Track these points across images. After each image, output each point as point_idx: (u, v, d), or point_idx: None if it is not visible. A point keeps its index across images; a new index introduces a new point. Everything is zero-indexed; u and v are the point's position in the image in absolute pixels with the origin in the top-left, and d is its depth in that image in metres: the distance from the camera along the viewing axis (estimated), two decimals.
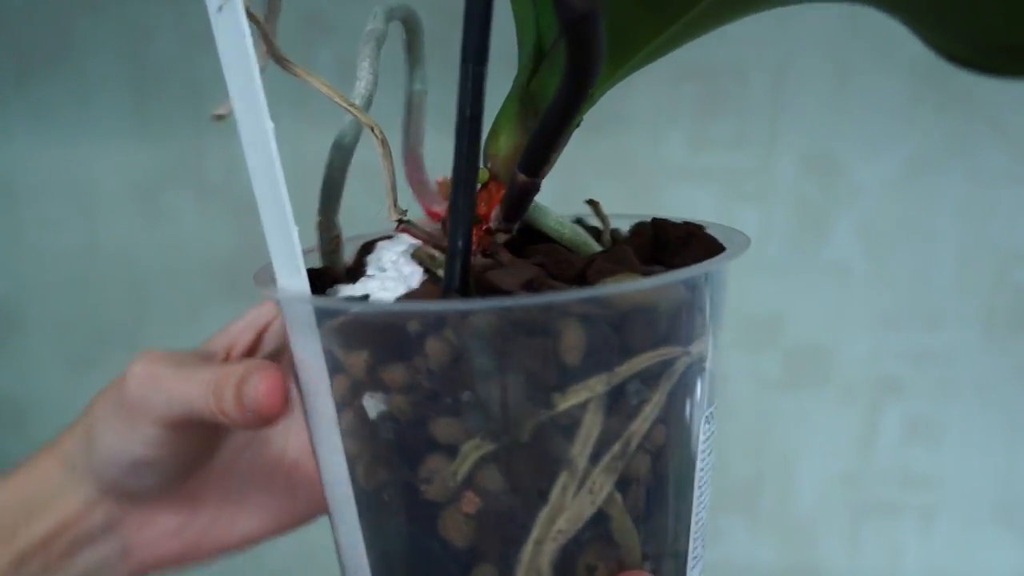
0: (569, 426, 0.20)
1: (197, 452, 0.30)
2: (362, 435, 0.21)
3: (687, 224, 0.28)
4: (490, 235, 0.25)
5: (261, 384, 0.25)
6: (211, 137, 0.62)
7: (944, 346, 0.60)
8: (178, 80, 0.60)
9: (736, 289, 0.33)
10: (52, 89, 0.62)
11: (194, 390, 0.26)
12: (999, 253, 0.58)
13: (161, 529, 0.31)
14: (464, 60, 0.20)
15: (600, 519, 0.21)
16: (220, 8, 0.19)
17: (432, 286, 0.22)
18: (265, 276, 0.25)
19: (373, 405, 0.20)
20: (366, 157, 0.27)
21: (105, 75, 0.61)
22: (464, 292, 0.21)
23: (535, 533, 0.20)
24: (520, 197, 0.23)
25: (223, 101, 0.19)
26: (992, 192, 0.57)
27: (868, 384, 0.62)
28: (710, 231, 0.28)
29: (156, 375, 0.27)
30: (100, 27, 0.60)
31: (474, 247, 0.24)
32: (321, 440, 0.22)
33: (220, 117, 0.18)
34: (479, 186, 0.25)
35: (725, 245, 0.26)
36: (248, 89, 0.20)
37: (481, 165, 0.25)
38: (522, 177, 0.23)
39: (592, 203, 0.29)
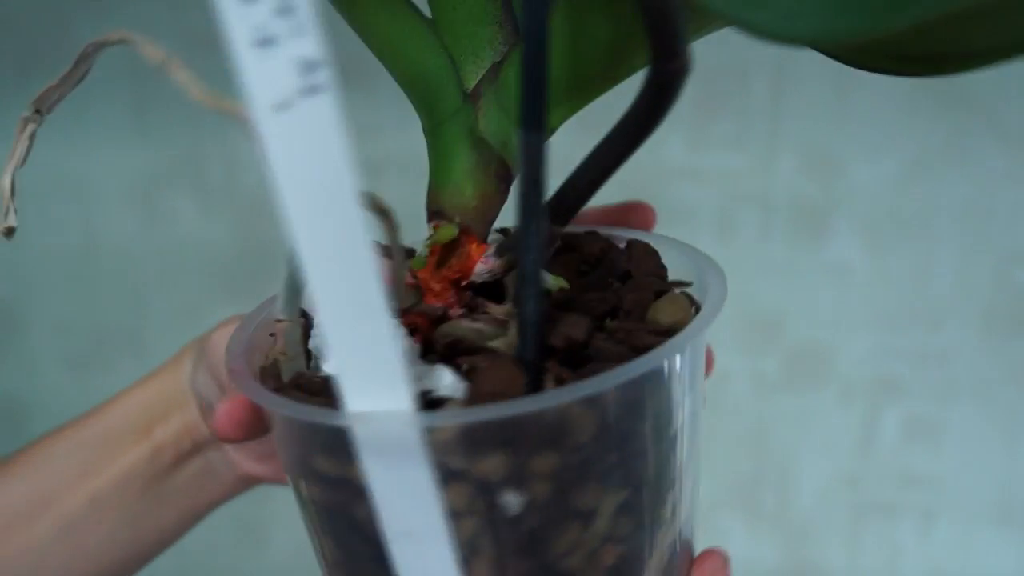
0: (668, 453, 0.22)
1: None
2: (491, 537, 0.20)
3: (598, 239, 0.27)
4: (466, 290, 0.24)
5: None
6: (211, 137, 0.62)
7: (944, 346, 0.60)
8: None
9: (736, 289, 0.33)
10: None
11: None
12: (999, 253, 0.58)
13: (249, 452, 0.34)
14: (525, 128, 0.19)
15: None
16: (282, 107, 0.14)
17: (508, 366, 0.20)
18: (241, 373, 0.23)
19: (512, 500, 0.19)
20: None
21: (105, 76, 0.61)
22: (541, 358, 0.20)
23: (655, 555, 0.22)
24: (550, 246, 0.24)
25: None
26: (992, 192, 0.57)
27: (868, 384, 0.62)
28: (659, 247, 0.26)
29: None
30: (100, 27, 0.60)
31: (453, 303, 0.24)
32: (415, 566, 0.20)
33: None
34: (443, 245, 0.24)
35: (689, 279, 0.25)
36: (331, 194, 0.16)
37: (440, 222, 0.24)
38: (556, 228, 0.24)
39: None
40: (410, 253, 0.26)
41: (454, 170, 0.24)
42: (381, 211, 0.19)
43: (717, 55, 0.55)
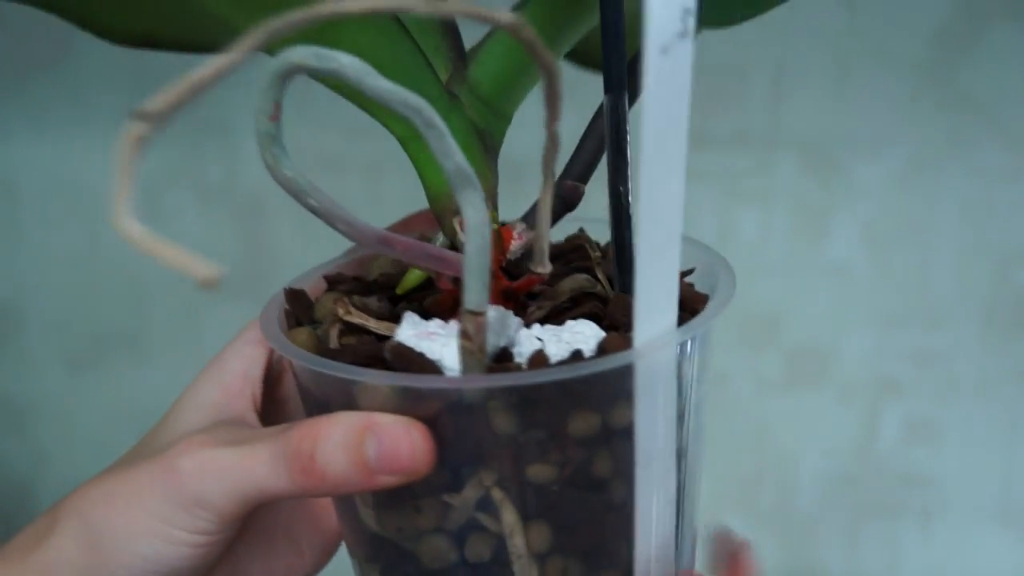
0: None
1: (238, 531, 0.26)
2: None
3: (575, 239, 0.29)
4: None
5: (414, 436, 0.21)
6: (211, 138, 0.62)
7: (944, 346, 0.60)
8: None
9: (736, 289, 0.33)
10: (52, 89, 0.62)
11: (263, 470, 0.23)
12: (999, 253, 0.58)
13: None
14: (609, 90, 0.22)
15: None
16: (664, 51, 0.16)
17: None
18: (270, 331, 0.25)
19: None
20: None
21: (105, 75, 0.61)
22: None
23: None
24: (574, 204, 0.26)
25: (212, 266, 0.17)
26: (992, 191, 0.57)
27: (868, 384, 0.62)
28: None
29: (213, 465, 0.23)
30: None
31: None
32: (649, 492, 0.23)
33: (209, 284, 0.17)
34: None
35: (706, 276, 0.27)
36: (674, 129, 0.18)
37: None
38: (576, 185, 0.25)
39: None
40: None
41: (474, 160, 0.26)
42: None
43: (717, 54, 0.55)
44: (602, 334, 0.23)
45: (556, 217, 0.26)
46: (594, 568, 0.23)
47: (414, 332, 0.23)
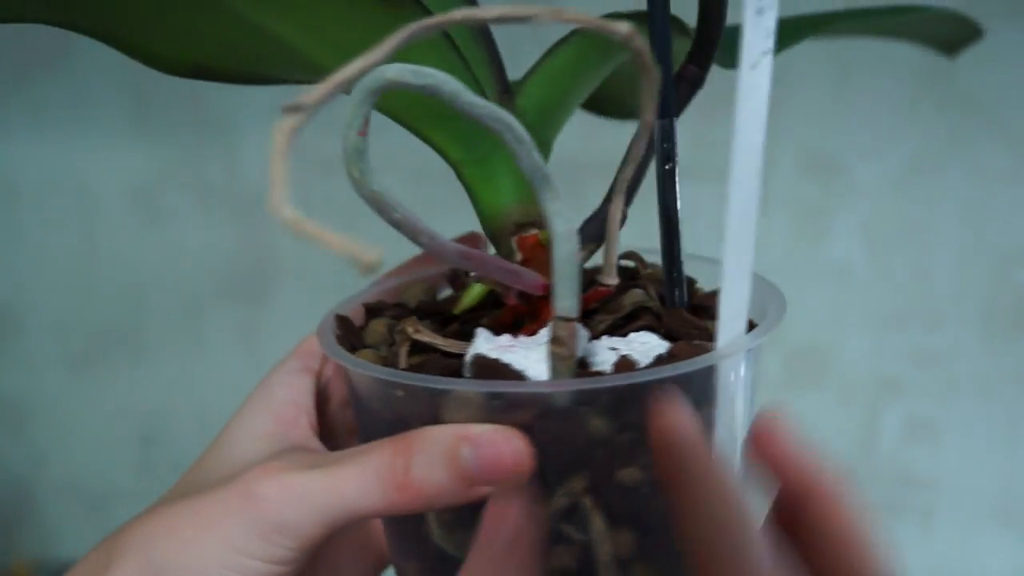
0: None
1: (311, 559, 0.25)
2: None
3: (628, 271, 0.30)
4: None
5: (514, 442, 0.21)
6: (211, 139, 0.62)
7: (944, 346, 0.60)
8: (178, 81, 0.60)
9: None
10: (52, 90, 0.62)
11: (352, 489, 0.22)
12: (999, 253, 0.58)
13: None
14: (663, 117, 0.25)
15: None
16: (753, 66, 0.19)
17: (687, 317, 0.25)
18: (333, 343, 0.26)
19: None
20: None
21: (105, 76, 0.61)
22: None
23: None
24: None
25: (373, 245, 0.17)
26: (992, 192, 0.57)
27: (868, 384, 0.62)
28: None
29: (299, 489, 0.22)
30: None
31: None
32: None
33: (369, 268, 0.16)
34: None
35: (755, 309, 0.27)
36: (754, 141, 0.20)
37: (531, 231, 0.27)
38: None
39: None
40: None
41: (523, 183, 0.26)
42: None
43: (717, 54, 0.55)
44: (666, 344, 0.24)
45: (600, 238, 0.27)
46: (673, 574, 0.23)
47: (490, 346, 0.23)
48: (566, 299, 0.22)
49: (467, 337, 0.25)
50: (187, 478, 0.26)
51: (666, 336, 0.25)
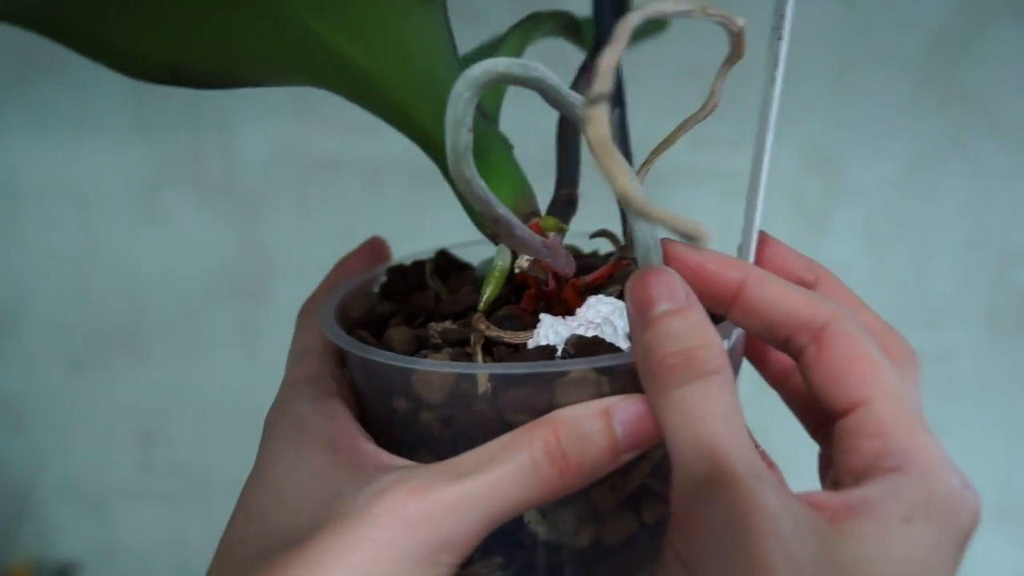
0: None
1: None
2: None
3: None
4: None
5: (646, 405, 0.22)
6: (211, 137, 0.62)
7: (944, 345, 0.60)
8: None
9: None
10: (52, 89, 0.62)
11: (508, 482, 0.21)
12: (999, 252, 0.58)
13: None
14: (616, 105, 0.26)
15: None
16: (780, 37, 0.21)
17: None
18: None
19: None
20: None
21: (105, 75, 0.61)
22: None
23: None
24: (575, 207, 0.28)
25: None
26: (993, 191, 0.57)
27: None
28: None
29: (457, 501, 0.21)
30: None
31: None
32: None
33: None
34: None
35: None
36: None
37: (536, 218, 0.27)
38: (572, 192, 0.27)
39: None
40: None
41: (516, 174, 0.27)
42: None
43: (717, 55, 0.55)
44: None
45: (566, 221, 0.27)
46: None
47: (560, 328, 0.24)
48: (657, 262, 0.23)
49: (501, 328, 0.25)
50: (241, 548, 0.23)
51: None
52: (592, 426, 0.21)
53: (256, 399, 0.28)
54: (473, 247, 0.32)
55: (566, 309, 0.25)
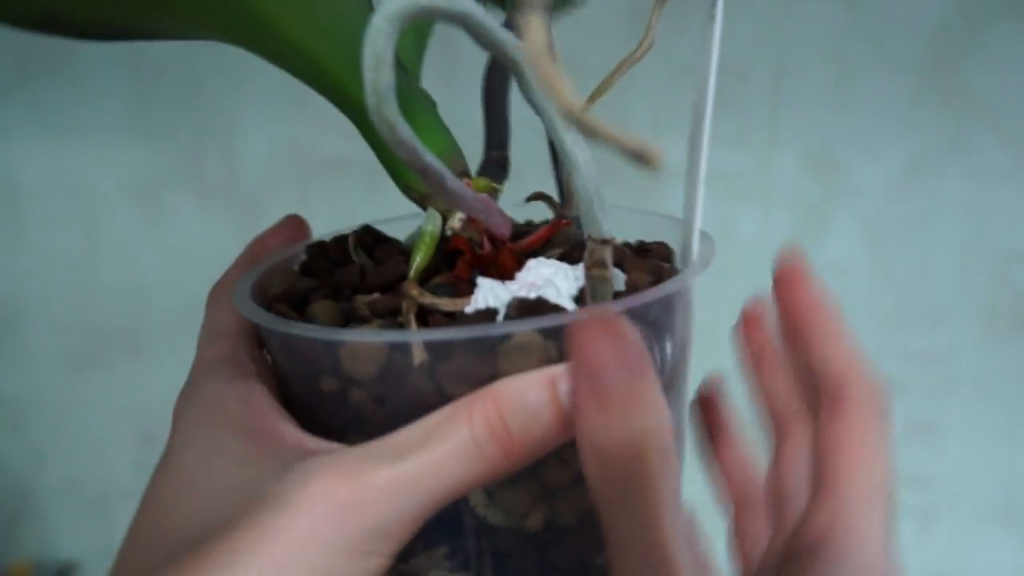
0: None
1: None
2: None
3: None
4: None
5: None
6: (211, 137, 0.62)
7: (944, 346, 0.60)
8: (178, 80, 0.60)
9: (736, 289, 0.33)
10: (52, 89, 0.62)
11: (448, 462, 0.19)
12: (999, 253, 0.58)
13: None
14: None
15: None
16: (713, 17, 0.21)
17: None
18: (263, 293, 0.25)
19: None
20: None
21: (105, 75, 0.61)
22: None
23: None
24: (507, 169, 0.27)
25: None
26: (993, 192, 0.57)
27: None
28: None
29: (394, 481, 0.19)
30: None
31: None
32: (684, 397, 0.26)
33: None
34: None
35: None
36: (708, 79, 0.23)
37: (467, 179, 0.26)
38: (503, 153, 0.26)
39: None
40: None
41: (442, 131, 0.25)
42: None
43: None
44: (619, 271, 0.25)
45: (501, 182, 0.27)
46: None
47: (500, 292, 0.22)
48: (598, 223, 0.21)
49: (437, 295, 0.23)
50: (154, 535, 0.21)
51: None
52: (538, 398, 0.19)
53: None
54: (400, 222, 0.30)
55: (504, 275, 0.24)
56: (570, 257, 0.25)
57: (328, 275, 0.26)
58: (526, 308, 0.21)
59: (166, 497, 0.21)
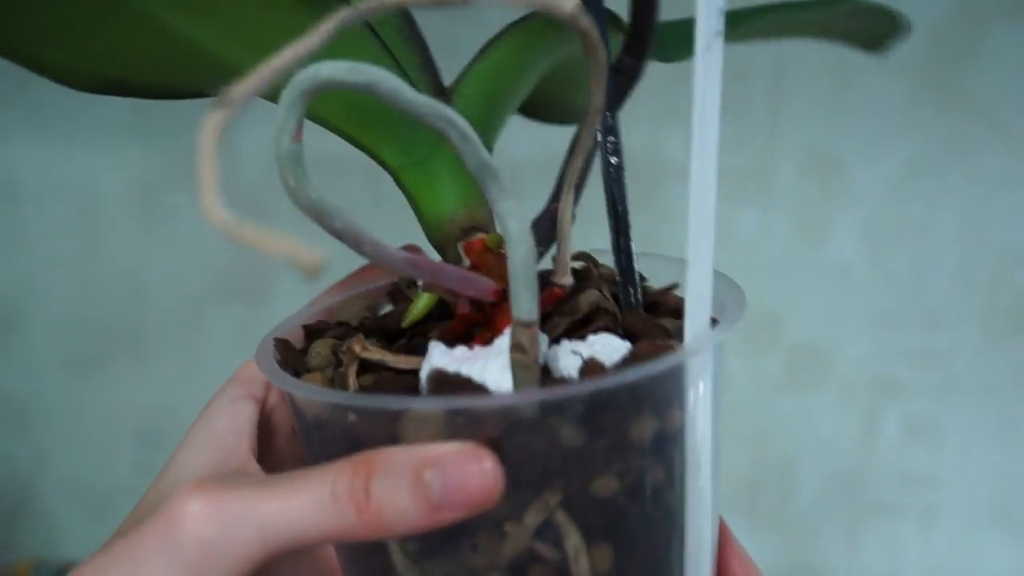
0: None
1: None
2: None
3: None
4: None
5: (484, 463, 0.19)
6: None
7: (944, 346, 0.60)
8: None
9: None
10: (53, 91, 0.62)
11: (302, 509, 0.20)
12: (999, 253, 0.58)
13: None
14: (607, 108, 0.25)
15: None
16: (708, 47, 0.20)
17: (646, 320, 0.24)
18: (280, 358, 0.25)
19: None
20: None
21: None
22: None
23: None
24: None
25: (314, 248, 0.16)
26: (992, 193, 0.57)
27: (868, 384, 0.62)
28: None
29: (236, 507, 0.20)
30: None
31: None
32: (697, 489, 0.23)
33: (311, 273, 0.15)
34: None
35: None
36: (711, 122, 0.21)
37: (480, 234, 0.26)
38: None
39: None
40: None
41: (467, 185, 0.26)
42: None
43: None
44: (627, 344, 0.23)
45: (550, 239, 0.25)
46: None
47: (446, 359, 0.22)
48: (525, 303, 0.20)
49: (419, 352, 0.23)
50: (132, 516, 0.24)
51: (626, 336, 0.24)
52: (407, 472, 0.19)
53: None
54: None
55: (495, 335, 0.23)
56: (582, 323, 0.24)
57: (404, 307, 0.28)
58: (442, 382, 0.21)
59: (150, 488, 0.24)
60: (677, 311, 0.24)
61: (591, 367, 0.21)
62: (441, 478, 0.19)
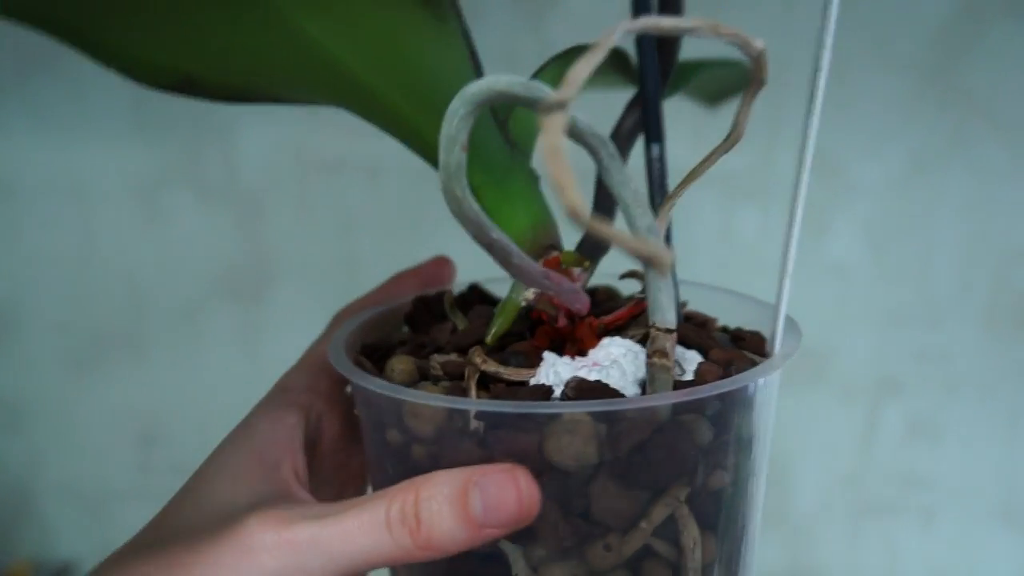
0: None
1: None
2: None
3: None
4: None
5: (520, 482, 0.21)
6: (210, 137, 0.62)
7: (944, 345, 0.60)
8: None
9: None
10: (51, 89, 0.62)
11: (363, 537, 0.21)
12: (1000, 252, 0.58)
13: None
14: (657, 139, 0.26)
15: None
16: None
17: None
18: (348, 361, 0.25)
19: None
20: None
21: (104, 75, 0.61)
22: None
23: None
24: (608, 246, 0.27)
25: None
26: (993, 191, 0.57)
27: (868, 384, 0.62)
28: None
29: (306, 539, 0.21)
30: None
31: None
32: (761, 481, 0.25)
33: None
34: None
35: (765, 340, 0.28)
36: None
37: (555, 252, 0.27)
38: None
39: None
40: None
41: (537, 204, 0.27)
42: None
43: (717, 54, 0.55)
44: (695, 353, 0.25)
45: (597, 258, 0.27)
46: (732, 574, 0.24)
47: (569, 369, 0.23)
48: (666, 311, 0.22)
49: (507, 365, 0.24)
50: (165, 520, 0.24)
51: (686, 347, 0.25)
52: (451, 495, 0.21)
53: (256, 399, 0.28)
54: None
55: (580, 349, 0.25)
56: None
57: (426, 329, 0.28)
58: (583, 389, 0.22)
59: (185, 491, 0.24)
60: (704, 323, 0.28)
61: (707, 371, 0.23)
62: (480, 496, 0.21)
